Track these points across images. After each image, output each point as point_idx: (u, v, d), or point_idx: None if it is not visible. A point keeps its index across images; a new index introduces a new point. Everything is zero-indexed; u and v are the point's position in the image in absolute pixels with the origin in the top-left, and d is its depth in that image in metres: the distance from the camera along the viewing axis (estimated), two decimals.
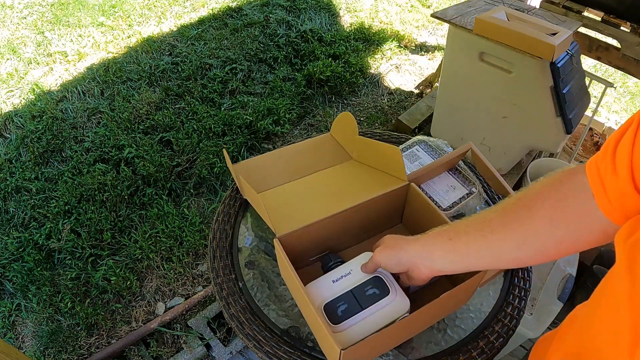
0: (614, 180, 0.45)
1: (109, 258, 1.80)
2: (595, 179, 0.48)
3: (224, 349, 1.52)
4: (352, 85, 2.74)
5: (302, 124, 2.48)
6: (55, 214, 1.92)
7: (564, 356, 0.52)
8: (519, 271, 0.86)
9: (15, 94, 2.60)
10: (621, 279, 0.41)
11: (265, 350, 0.73)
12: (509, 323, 0.78)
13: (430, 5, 3.61)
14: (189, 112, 2.42)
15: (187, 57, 2.80)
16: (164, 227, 1.88)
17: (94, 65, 2.79)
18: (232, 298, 0.81)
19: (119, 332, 1.60)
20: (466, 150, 0.99)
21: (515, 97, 1.72)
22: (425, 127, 2.41)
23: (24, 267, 1.75)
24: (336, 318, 0.67)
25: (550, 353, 0.57)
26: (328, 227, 0.81)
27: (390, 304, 0.69)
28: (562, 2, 1.94)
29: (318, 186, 0.92)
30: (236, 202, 0.98)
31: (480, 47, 1.71)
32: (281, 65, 2.81)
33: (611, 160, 0.45)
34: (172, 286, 1.73)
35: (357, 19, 3.35)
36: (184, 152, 2.20)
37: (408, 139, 1.12)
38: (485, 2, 1.94)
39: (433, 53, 3.07)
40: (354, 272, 0.74)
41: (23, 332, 1.62)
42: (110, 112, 2.41)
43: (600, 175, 0.47)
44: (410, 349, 0.74)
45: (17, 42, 3.01)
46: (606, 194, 0.46)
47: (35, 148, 2.21)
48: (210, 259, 0.88)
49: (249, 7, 3.36)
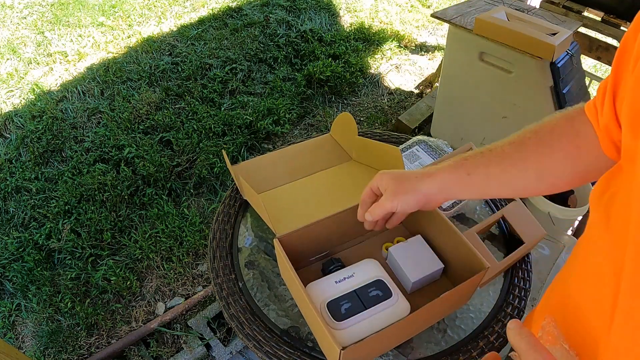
0: (602, 114, 0.47)
1: (109, 258, 1.80)
2: (593, 115, 0.50)
3: (224, 349, 1.52)
4: (352, 85, 2.74)
5: (302, 124, 2.48)
6: (55, 214, 1.92)
7: (549, 309, 0.54)
8: (519, 271, 0.86)
9: (15, 94, 2.60)
10: (600, 235, 0.42)
11: (265, 350, 0.73)
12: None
13: (430, 5, 3.61)
14: (189, 112, 2.42)
15: (187, 57, 2.80)
16: (164, 227, 1.88)
17: (94, 65, 2.79)
18: (232, 298, 0.81)
19: (119, 332, 1.60)
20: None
21: (515, 97, 1.72)
22: (425, 127, 2.41)
23: (24, 267, 1.75)
24: (339, 315, 0.68)
25: (535, 319, 0.58)
26: (328, 227, 0.81)
27: (392, 306, 0.70)
28: (562, 2, 1.93)
29: (318, 187, 0.92)
30: (236, 202, 0.98)
31: (480, 47, 1.71)
32: (281, 65, 2.81)
33: (600, 100, 0.47)
34: (172, 286, 1.73)
35: (357, 19, 3.35)
36: (184, 152, 2.20)
37: (408, 139, 1.12)
38: (485, 2, 1.94)
39: (433, 53, 3.07)
40: (357, 275, 0.74)
41: (23, 332, 1.62)
42: (110, 112, 2.41)
43: (596, 111, 0.50)
44: (410, 349, 0.74)
45: (17, 42, 3.01)
46: (600, 128, 0.49)
47: (35, 148, 2.21)
48: (210, 259, 0.88)
49: (249, 7, 3.36)
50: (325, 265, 0.81)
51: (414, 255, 0.80)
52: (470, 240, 0.76)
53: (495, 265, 0.82)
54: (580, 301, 0.46)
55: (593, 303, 0.44)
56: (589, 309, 0.44)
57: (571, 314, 0.47)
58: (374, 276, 0.74)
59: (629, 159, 0.40)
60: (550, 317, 0.47)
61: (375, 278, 0.74)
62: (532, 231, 0.88)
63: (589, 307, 0.44)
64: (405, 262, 0.78)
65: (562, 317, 0.48)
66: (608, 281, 0.40)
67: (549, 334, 0.45)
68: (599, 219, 0.44)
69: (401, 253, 0.80)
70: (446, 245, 0.79)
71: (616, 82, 0.43)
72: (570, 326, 0.46)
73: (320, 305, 0.70)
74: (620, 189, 0.40)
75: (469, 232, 0.86)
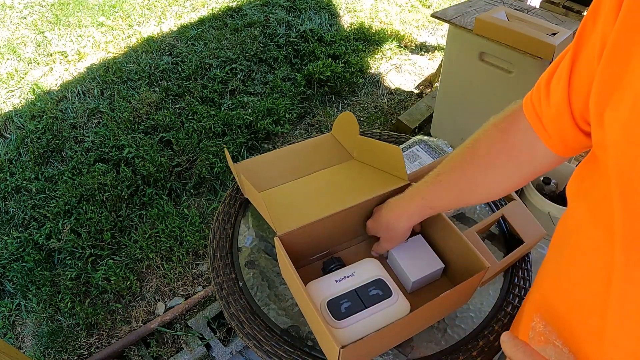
0: (547, 110, 0.48)
1: (109, 258, 1.79)
2: (532, 115, 0.51)
3: (224, 348, 1.52)
4: (352, 85, 2.74)
5: (302, 124, 2.48)
6: (55, 214, 1.92)
7: (536, 307, 0.54)
8: (519, 271, 0.86)
9: (15, 94, 2.60)
10: (586, 223, 0.43)
11: (265, 349, 0.73)
12: (509, 323, 0.78)
13: (430, 5, 3.61)
14: (189, 112, 2.42)
15: (187, 57, 2.80)
16: (164, 227, 1.88)
17: (94, 65, 2.79)
18: (232, 298, 0.81)
19: (119, 332, 1.60)
20: None
21: (515, 97, 1.71)
22: (425, 127, 2.41)
23: (24, 267, 1.75)
24: (339, 314, 0.68)
25: (525, 309, 0.59)
26: (329, 226, 0.81)
27: (392, 305, 0.70)
28: (562, 2, 1.94)
29: (319, 185, 0.92)
30: (236, 202, 0.98)
31: (480, 47, 1.71)
32: (281, 65, 2.81)
33: (545, 92, 0.47)
34: (172, 286, 1.73)
35: (357, 19, 3.35)
36: (184, 152, 2.20)
37: (408, 139, 1.12)
38: (485, 2, 1.94)
39: (433, 53, 3.07)
40: (357, 274, 0.75)
41: (23, 332, 1.62)
42: (110, 112, 2.41)
43: (535, 109, 0.50)
44: (410, 349, 0.74)
45: (17, 42, 3.01)
46: (544, 126, 0.49)
47: (35, 148, 2.21)
48: (210, 259, 0.88)
49: (249, 7, 3.36)
50: (326, 264, 0.81)
51: (414, 255, 0.80)
52: (470, 239, 0.76)
53: (495, 265, 0.82)
54: (571, 297, 0.46)
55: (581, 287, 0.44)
56: (581, 303, 0.44)
57: (561, 309, 0.47)
58: (374, 275, 0.74)
59: (600, 147, 0.39)
60: (539, 317, 0.47)
61: (376, 277, 0.74)
62: (532, 231, 0.88)
63: (578, 291, 0.44)
64: (406, 262, 0.78)
65: (553, 313, 0.48)
66: (598, 267, 0.40)
67: (540, 334, 0.45)
68: (580, 209, 0.44)
69: (402, 253, 0.80)
70: (446, 244, 0.79)
71: (573, 66, 0.43)
72: (562, 321, 0.46)
73: (320, 304, 0.70)
74: (600, 179, 0.40)
75: (468, 231, 0.86)
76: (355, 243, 0.89)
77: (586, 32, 0.42)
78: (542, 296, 0.53)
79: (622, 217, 0.35)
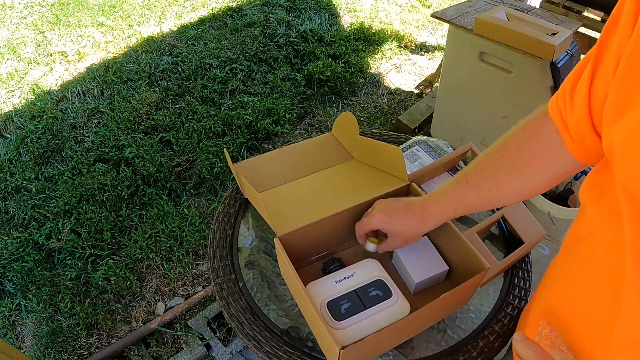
0: (572, 117, 0.49)
1: (109, 258, 1.79)
2: (559, 120, 0.52)
3: (224, 349, 1.52)
4: (352, 85, 2.74)
5: (302, 124, 2.48)
6: (55, 214, 1.92)
7: (542, 312, 0.54)
8: (519, 271, 0.86)
9: (15, 94, 2.60)
10: (596, 230, 0.44)
11: (265, 350, 0.73)
12: (509, 323, 0.78)
13: (430, 5, 3.61)
14: (189, 112, 2.42)
15: (187, 57, 2.80)
16: (164, 227, 1.88)
17: (94, 65, 2.79)
18: (232, 298, 0.81)
19: (119, 332, 1.60)
20: (466, 151, 0.99)
21: (515, 97, 1.72)
22: (425, 127, 2.41)
23: (24, 267, 1.75)
24: (339, 315, 0.68)
25: (530, 313, 0.59)
26: (329, 226, 0.81)
27: (392, 305, 0.70)
28: (562, 2, 1.94)
29: (319, 186, 0.92)
30: (236, 202, 0.98)
31: (480, 47, 1.71)
32: (281, 65, 2.81)
33: (570, 99, 0.48)
34: (172, 286, 1.73)
35: (357, 19, 3.35)
36: (184, 152, 2.20)
37: (408, 139, 1.12)
38: (485, 2, 1.94)
39: (433, 53, 3.07)
40: (357, 274, 0.74)
41: (23, 332, 1.62)
42: (110, 112, 2.41)
43: (561, 115, 0.51)
44: (410, 349, 0.74)
45: (17, 42, 3.01)
46: (569, 132, 0.50)
47: (35, 148, 2.21)
48: (210, 259, 0.88)
49: (249, 7, 3.36)
50: (326, 265, 0.81)
51: (419, 255, 0.79)
52: (470, 240, 0.76)
53: (495, 265, 0.82)
54: (579, 302, 0.46)
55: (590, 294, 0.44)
56: (590, 309, 0.43)
57: (569, 314, 0.47)
58: (374, 276, 0.74)
59: (609, 155, 0.40)
60: (544, 322, 0.47)
61: (376, 278, 0.74)
62: (532, 231, 0.88)
63: (588, 298, 0.44)
64: (410, 263, 0.78)
65: (559, 318, 0.48)
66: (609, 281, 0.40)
67: (545, 338, 0.46)
68: (593, 214, 0.45)
69: (407, 253, 0.80)
70: (446, 245, 0.79)
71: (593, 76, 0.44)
72: (568, 326, 0.46)
73: (320, 305, 0.70)
74: (610, 186, 0.41)
75: (469, 232, 0.86)
76: (355, 244, 0.89)
77: (606, 42, 0.42)
78: (549, 301, 0.53)
79: (630, 225, 0.35)
